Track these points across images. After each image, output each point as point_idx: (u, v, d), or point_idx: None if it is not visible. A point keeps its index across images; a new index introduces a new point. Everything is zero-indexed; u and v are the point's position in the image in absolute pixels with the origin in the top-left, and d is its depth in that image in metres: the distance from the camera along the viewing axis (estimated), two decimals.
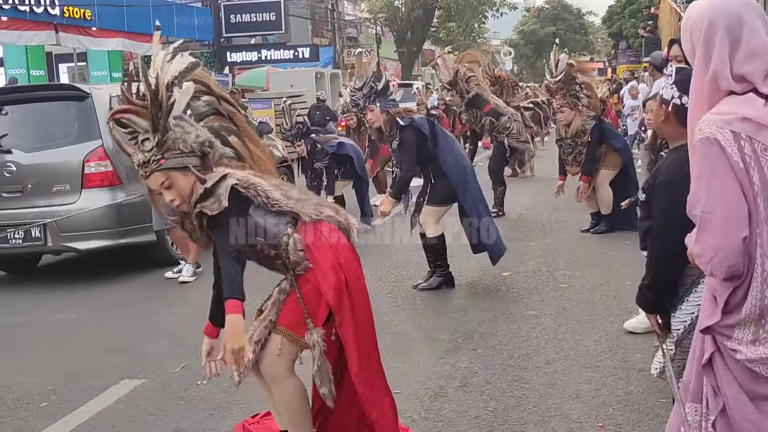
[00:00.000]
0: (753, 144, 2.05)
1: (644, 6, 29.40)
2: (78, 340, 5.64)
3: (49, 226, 6.94)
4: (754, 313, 2.10)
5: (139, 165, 3.01)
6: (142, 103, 2.99)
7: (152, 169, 2.97)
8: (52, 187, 7.11)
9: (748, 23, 2.08)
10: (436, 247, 6.51)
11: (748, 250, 2.05)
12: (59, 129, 7.47)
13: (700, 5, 2.19)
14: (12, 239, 7.03)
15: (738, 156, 2.04)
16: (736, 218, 2.04)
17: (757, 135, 2.04)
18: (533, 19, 62.76)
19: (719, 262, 2.06)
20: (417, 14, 35.80)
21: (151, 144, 2.96)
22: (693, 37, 2.16)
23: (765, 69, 2.07)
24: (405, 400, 4.23)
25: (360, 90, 6.45)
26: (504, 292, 6.40)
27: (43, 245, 7.15)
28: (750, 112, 2.05)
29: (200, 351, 3.33)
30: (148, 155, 2.96)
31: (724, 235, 2.05)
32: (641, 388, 4.30)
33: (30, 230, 6.98)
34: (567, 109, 8.40)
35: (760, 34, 2.09)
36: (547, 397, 4.23)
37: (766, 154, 2.05)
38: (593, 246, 8.05)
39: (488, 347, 5.06)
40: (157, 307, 6.38)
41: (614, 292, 6.22)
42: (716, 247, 2.06)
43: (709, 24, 2.11)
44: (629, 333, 5.15)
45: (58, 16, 16.01)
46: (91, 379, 4.79)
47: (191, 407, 4.31)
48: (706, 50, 2.11)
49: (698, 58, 2.14)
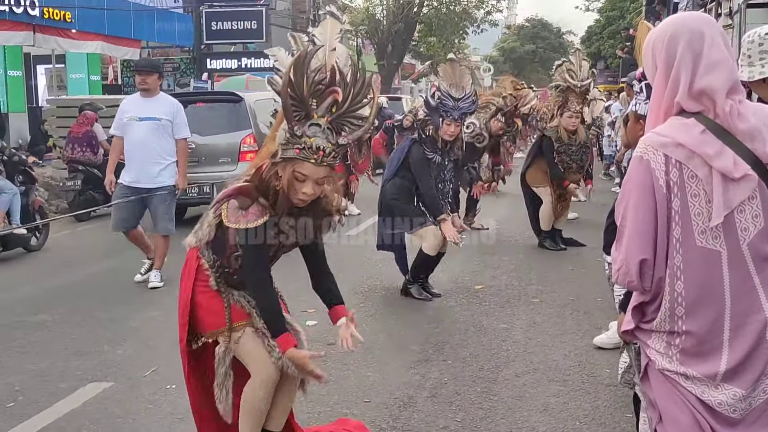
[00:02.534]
0: (682, 170, 2.10)
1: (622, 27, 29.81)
2: (50, 341, 5.60)
3: (216, 185, 9.35)
4: (663, 327, 2.18)
5: (313, 150, 2.89)
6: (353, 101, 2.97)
7: (329, 163, 2.95)
8: (218, 159, 10.27)
9: (708, 37, 2.13)
10: (430, 261, 6.58)
11: (655, 271, 2.13)
12: (223, 121, 10.51)
13: (662, 24, 2.26)
14: (190, 193, 9.59)
15: (663, 180, 2.10)
16: (638, 241, 2.13)
17: (689, 162, 2.09)
18: (513, 37, 63.20)
19: (622, 275, 2.18)
20: (398, 28, 35.91)
21: (339, 140, 2.95)
22: (655, 52, 2.20)
23: (727, 82, 2.11)
24: (374, 410, 4.25)
25: (457, 101, 6.25)
26: (476, 305, 6.45)
27: (210, 198, 8.06)
28: (685, 138, 2.09)
29: (171, 355, 3.36)
30: (330, 147, 2.92)
31: (626, 252, 2.15)
32: (608, 402, 4.35)
33: (202, 187, 10.06)
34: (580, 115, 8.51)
35: (721, 47, 2.14)
36: (515, 410, 4.27)
37: (692, 182, 2.10)
38: (565, 262, 8.14)
39: (458, 359, 5.10)
40: (133, 311, 6.34)
41: (584, 308, 6.29)
42: (621, 261, 2.17)
43: (671, 38, 2.15)
44: (598, 348, 5.21)
45: (37, 17, 15.87)
46: (59, 381, 4.76)
47: (159, 411, 4.29)
48: (667, 63, 2.15)
49: (659, 73, 2.18)
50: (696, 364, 2.14)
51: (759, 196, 2.10)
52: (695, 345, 2.13)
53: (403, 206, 6.48)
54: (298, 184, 2.93)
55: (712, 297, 2.11)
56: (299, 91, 2.85)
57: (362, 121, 3.03)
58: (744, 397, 2.11)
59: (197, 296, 3.20)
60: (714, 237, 2.09)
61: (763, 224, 2.10)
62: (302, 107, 2.88)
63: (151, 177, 7.07)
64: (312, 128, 2.89)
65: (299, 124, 2.88)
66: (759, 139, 2.10)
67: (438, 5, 37.64)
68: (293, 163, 2.91)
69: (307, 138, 2.88)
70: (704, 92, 2.11)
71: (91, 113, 11.80)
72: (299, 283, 7.37)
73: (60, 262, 8.45)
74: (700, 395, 2.14)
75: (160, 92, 7.25)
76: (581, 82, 8.32)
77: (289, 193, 2.97)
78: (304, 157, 2.89)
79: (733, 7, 13.48)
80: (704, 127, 2.09)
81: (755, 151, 2.09)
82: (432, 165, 6.36)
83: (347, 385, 4.64)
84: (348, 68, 3.01)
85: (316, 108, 2.91)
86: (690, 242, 2.10)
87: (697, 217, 2.09)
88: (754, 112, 2.14)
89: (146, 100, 7.11)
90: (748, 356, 2.10)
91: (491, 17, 41.05)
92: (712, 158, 2.06)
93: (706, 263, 2.10)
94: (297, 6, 31.16)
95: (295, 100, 2.86)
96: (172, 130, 7.11)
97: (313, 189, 2.95)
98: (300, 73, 2.83)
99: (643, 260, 2.12)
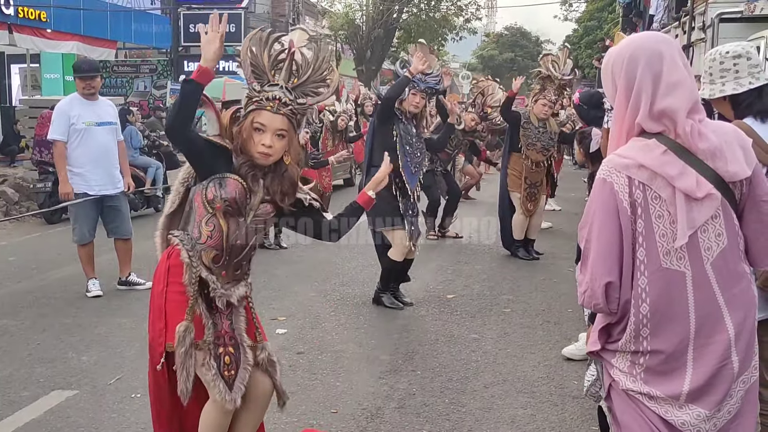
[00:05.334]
0: (645, 191, 2.10)
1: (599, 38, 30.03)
2: (14, 347, 5.50)
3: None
4: (628, 348, 2.18)
5: (270, 99, 2.97)
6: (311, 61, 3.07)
7: (287, 113, 2.98)
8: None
9: (668, 58, 2.13)
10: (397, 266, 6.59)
11: (620, 293, 2.13)
12: None
13: (619, 45, 2.24)
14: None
15: (627, 202, 2.10)
16: (603, 264, 2.12)
17: (651, 183, 2.09)
18: (492, 45, 63.56)
19: (588, 298, 2.17)
20: (377, 33, 35.93)
21: (299, 99, 3.02)
22: (614, 74, 2.19)
23: (687, 102, 2.11)
24: (341, 420, 4.22)
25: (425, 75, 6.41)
26: (447, 314, 6.44)
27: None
28: (647, 159, 2.09)
29: (137, 363, 3.27)
30: (288, 99, 2.99)
31: (591, 275, 2.14)
32: (576, 414, 4.36)
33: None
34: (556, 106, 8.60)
35: (680, 67, 2.14)
36: (482, 422, 4.26)
37: (656, 203, 2.10)
38: (537, 272, 8.15)
39: (428, 369, 5.08)
40: (101, 317, 6.25)
41: (555, 319, 6.30)
42: (587, 284, 2.16)
43: (630, 59, 2.15)
44: (567, 360, 5.22)
45: (12, 17, 15.70)
46: (22, 389, 4.68)
47: (124, 420, 4.23)
48: (628, 85, 2.15)
49: (619, 93, 2.17)
50: (660, 383, 2.14)
51: (722, 214, 2.11)
52: (660, 364, 2.13)
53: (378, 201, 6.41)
54: (257, 135, 2.96)
55: (677, 318, 2.10)
56: (256, 57, 3.00)
57: (325, 89, 3.14)
58: (708, 418, 2.11)
59: (168, 304, 3.12)
60: (678, 258, 2.09)
61: (726, 243, 2.10)
62: (260, 73, 3.02)
63: (115, 182, 7.01)
64: (271, 86, 3.00)
65: (258, 84, 3.00)
66: (720, 157, 2.10)
67: (417, 12, 37.72)
68: (252, 114, 2.98)
69: (264, 92, 2.98)
70: (665, 113, 2.11)
71: (48, 112, 11.61)
72: (271, 291, 7.38)
73: (28, 265, 8.32)
74: (663, 415, 2.13)
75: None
76: (562, 75, 8.41)
77: (248, 146, 2.98)
78: (261, 106, 2.96)
79: (707, 21, 13.62)
80: (666, 147, 2.09)
81: (717, 170, 2.10)
82: (397, 122, 6.43)
83: (315, 395, 4.60)
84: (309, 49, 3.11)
85: (275, 76, 3.04)
86: (655, 264, 2.10)
87: (662, 239, 2.09)
88: (714, 130, 2.14)
89: (94, 104, 6.97)
90: (712, 376, 2.10)
91: (470, 25, 41.19)
92: (674, 179, 2.06)
93: (670, 284, 2.10)
94: (276, 9, 31.08)
95: (252, 66, 3.00)
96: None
97: (271, 140, 2.96)
98: (258, 45, 3.00)
99: (608, 283, 2.11)
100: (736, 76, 3.12)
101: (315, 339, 5.68)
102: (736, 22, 12.23)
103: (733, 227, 2.13)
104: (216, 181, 3.00)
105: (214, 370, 3.03)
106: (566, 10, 44.05)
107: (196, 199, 3.07)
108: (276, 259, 8.45)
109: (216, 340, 3.08)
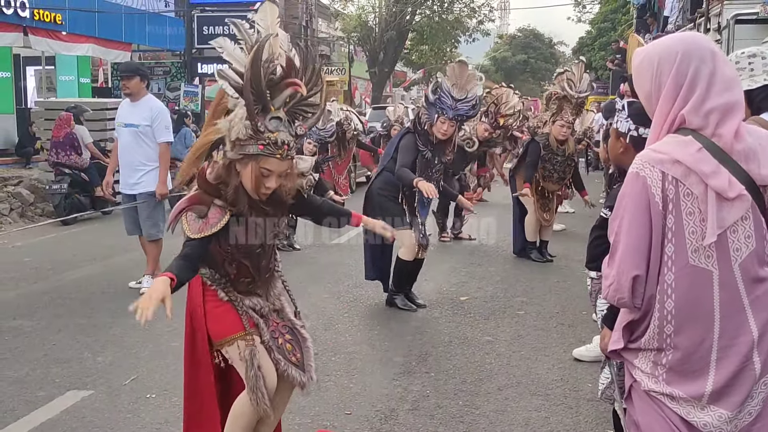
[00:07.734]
0: (678, 187, 2.09)
1: (613, 39, 29.93)
2: (30, 348, 5.54)
3: None
4: (651, 345, 2.17)
5: (278, 145, 2.86)
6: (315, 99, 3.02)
7: (293, 155, 2.98)
8: None
9: (720, 56, 2.13)
10: (408, 267, 6.58)
11: (646, 288, 2.12)
12: None
13: (668, 41, 2.22)
14: None
15: (659, 197, 2.09)
16: (632, 258, 2.11)
17: (685, 179, 2.08)
18: (505, 46, 63.48)
19: (613, 292, 2.16)
20: (390, 35, 35.98)
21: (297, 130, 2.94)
22: (660, 71, 2.16)
23: (735, 102, 2.11)
24: (355, 422, 4.23)
25: (457, 101, 6.15)
26: (461, 317, 6.43)
27: None
28: (683, 155, 2.08)
29: (152, 363, 3.31)
30: (292, 141, 2.91)
31: (619, 268, 2.14)
32: (590, 417, 4.34)
33: None
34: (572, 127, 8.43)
35: (731, 65, 2.15)
36: (496, 424, 4.25)
37: (687, 200, 2.09)
38: (551, 274, 8.13)
39: (441, 371, 5.08)
40: (116, 317, 6.27)
41: (569, 321, 6.28)
42: (613, 277, 2.15)
43: (683, 56, 2.13)
44: (580, 362, 5.21)
45: (27, 19, 15.81)
46: (38, 389, 4.72)
47: (139, 420, 4.25)
48: (678, 81, 2.13)
49: (667, 89, 2.14)
50: (682, 384, 2.13)
51: (752, 217, 2.10)
52: (682, 363, 2.12)
53: (386, 203, 6.38)
54: (263, 179, 2.92)
55: (702, 316, 2.09)
56: (258, 85, 2.80)
57: (315, 108, 3.05)
58: (730, 419, 2.10)
59: (207, 305, 3.15)
60: (707, 256, 2.08)
61: (755, 245, 2.10)
62: (260, 100, 2.84)
63: (130, 184, 7.06)
64: (273, 122, 2.85)
65: (260, 118, 2.84)
66: (754, 160, 2.09)
67: (430, 14, 37.74)
68: (257, 159, 2.87)
69: (270, 133, 2.84)
70: (715, 110, 2.09)
71: (65, 114, 11.69)
72: None
73: (44, 266, 8.38)
74: (685, 416, 2.12)
75: (146, 94, 7.10)
76: (579, 93, 8.22)
77: (256, 188, 2.94)
78: (270, 153, 2.86)
79: (722, 22, 13.55)
80: (701, 145, 2.09)
81: (750, 172, 2.09)
82: (420, 157, 6.25)
83: (328, 396, 4.61)
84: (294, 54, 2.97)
85: (271, 100, 2.88)
86: (682, 260, 2.09)
87: (692, 236, 2.08)
88: (750, 132, 2.14)
89: (132, 105, 7.04)
90: (734, 377, 2.09)
91: (483, 27, 41.22)
92: (708, 176, 2.06)
93: (697, 282, 2.09)
94: (289, 11, 31.15)
95: (254, 95, 2.81)
96: (153, 134, 6.98)
97: (276, 182, 2.95)
98: (257, 67, 2.78)
99: (635, 276, 2.11)
100: (752, 74, 3.13)
101: (328, 340, 5.69)
102: (751, 23, 12.17)
103: (761, 231, 2.12)
104: (224, 236, 3.02)
105: (282, 362, 3.14)
106: (580, 12, 44.05)
107: (212, 248, 3.05)
108: (288, 261, 8.46)
109: (272, 333, 3.21)
